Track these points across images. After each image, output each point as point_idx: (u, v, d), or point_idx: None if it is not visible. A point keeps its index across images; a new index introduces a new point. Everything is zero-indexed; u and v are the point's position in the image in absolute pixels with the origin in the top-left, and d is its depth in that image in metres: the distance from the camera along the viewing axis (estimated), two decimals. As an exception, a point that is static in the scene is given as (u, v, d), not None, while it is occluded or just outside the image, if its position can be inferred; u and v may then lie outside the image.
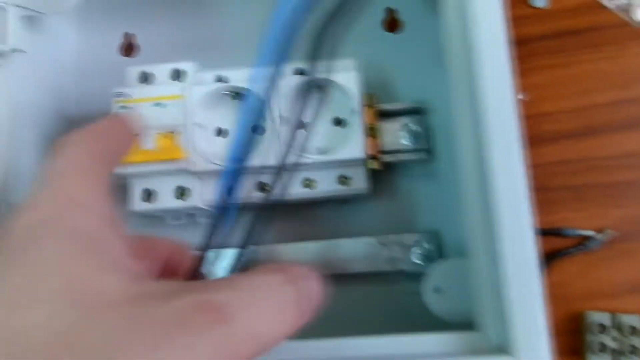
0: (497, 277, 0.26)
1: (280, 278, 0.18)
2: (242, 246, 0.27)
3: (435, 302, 0.31)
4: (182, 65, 0.34)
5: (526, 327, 0.25)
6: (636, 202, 0.38)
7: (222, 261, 0.29)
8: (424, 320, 0.34)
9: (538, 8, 0.41)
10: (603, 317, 0.37)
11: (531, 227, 0.26)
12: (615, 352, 0.36)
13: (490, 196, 0.27)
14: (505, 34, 0.29)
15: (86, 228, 0.17)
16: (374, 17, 0.41)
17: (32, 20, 0.35)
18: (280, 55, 0.31)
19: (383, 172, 0.38)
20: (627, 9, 0.41)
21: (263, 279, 0.17)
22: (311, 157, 0.33)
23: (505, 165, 0.27)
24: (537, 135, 0.40)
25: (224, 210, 0.27)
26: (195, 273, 0.23)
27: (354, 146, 0.33)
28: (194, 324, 0.14)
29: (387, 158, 0.37)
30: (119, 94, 0.33)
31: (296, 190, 0.35)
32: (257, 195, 0.35)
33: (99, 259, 0.16)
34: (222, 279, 0.19)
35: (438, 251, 0.37)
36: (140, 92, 0.33)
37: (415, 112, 0.38)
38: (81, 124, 0.41)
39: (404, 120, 0.38)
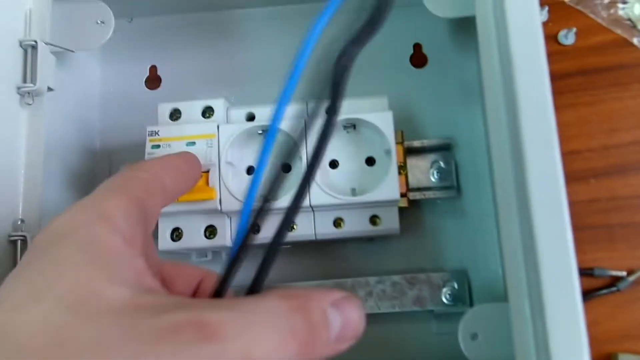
0: (540, 324, 0.26)
1: (288, 304, 0.17)
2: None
3: (472, 349, 0.31)
4: (213, 103, 0.34)
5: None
6: (667, 242, 0.38)
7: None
8: (453, 362, 0.33)
9: (565, 45, 0.41)
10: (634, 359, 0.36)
11: (575, 270, 0.26)
12: (648, 397, 0.36)
13: (532, 238, 0.26)
14: (546, 71, 0.29)
15: (105, 241, 0.17)
16: (402, 52, 0.41)
17: (59, 56, 0.35)
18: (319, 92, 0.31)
19: (410, 209, 0.37)
20: (651, 46, 0.41)
21: (268, 304, 0.17)
22: (344, 198, 0.32)
23: (547, 206, 0.27)
24: (566, 174, 0.39)
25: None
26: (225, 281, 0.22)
27: (389, 187, 0.32)
28: (181, 339, 0.14)
29: (416, 196, 0.36)
30: (152, 133, 0.32)
31: (326, 230, 0.34)
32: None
33: (109, 271, 0.16)
34: (226, 300, 0.18)
35: (467, 291, 0.36)
36: (173, 130, 0.32)
37: (442, 148, 0.38)
38: (105, 156, 0.41)
39: (432, 157, 0.38)
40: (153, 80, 0.42)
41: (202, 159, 0.32)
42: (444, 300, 0.36)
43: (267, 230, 0.23)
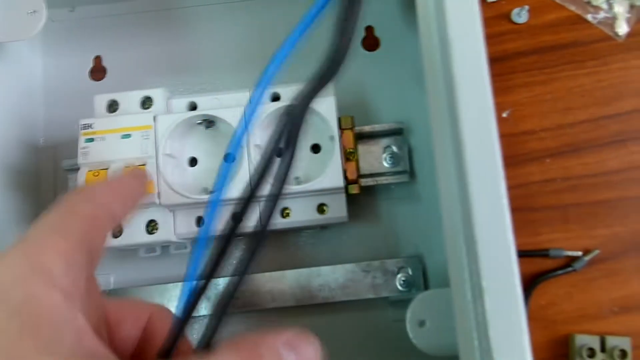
0: (480, 308, 0.25)
1: (239, 356, 0.16)
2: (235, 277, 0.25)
3: (419, 337, 0.30)
4: (152, 92, 0.33)
5: (511, 366, 0.24)
6: (620, 221, 0.37)
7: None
8: (408, 348, 0.33)
9: (518, 23, 0.40)
10: (592, 340, 0.36)
11: (514, 256, 0.25)
12: (604, 376, 0.35)
13: (470, 223, 0.26)
14: (484, 53, 0.28)
15: (41, 302, 0.15)
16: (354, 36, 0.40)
17: (-8, 47, 0.33)
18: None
19: (363, 195, 0.37)
20: (610, 22, 0.40)
21: None
22: (290, 188, 0.32)
23: (485, 189, 0.26)
24: (520, 154, 0.39)
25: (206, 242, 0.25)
26: (174, 339, 0.21)
27: (333, 175, 0.32)
28: None
29: (368, 182, 0.36)
30: (86, 126, 0.31)
31: (274, 220, 0.33)
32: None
33: (41, 340, 0.15)
34: None
35: (422, 277, 0.36)
36: (108, 123, 0.31)
37: (394, 133, 0.37)
38: (49, 152, 0.40)
39: (385, 141, 0.37)
40: (98, 71, 0.40)
41: (139, 152, 0.31)
42: (399, 286, 0.36)
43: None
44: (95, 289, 0.20)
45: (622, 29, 0.40)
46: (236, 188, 0.31)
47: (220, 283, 0.28)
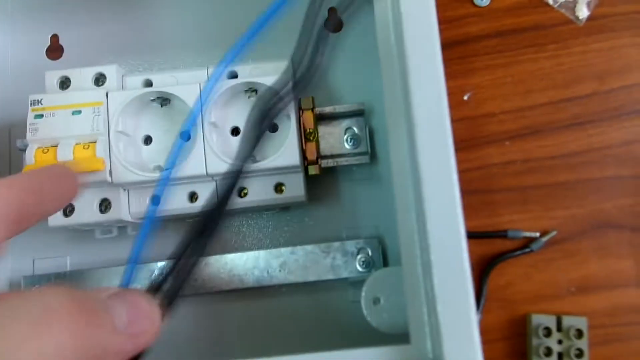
0: (430, 288, 0.25)
1: (56, 300, 0.14)
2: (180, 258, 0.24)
3: (373, 314, 0.30)
4: (105, 69, 0.32)
5: (458, 340, 0.24)
6: (578, 202, 0.38)
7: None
8: (367, 329, 0.33)
9: (480, 6, 0.40)
10: (548, 320, 0.36)
11: (463, 235, 0.25)
12: (561, 356, 0.36)
13: (421, 202, 0.26)
14: (437, 34, 0.28)
15: None
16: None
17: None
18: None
19: (324, 177, 0.37)
20: (571, 6, 0.41)
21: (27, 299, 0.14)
22: (244, 166, 0.31)
23: (436, 170, 0.26)
24: (480, 136, 0.39)
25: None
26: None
27: (289, 153, 0.32)
28: None
29: (328, 163, 0.36)
30: (35, 102, 0.30)
31: (231, 200, 0.33)
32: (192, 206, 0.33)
33: None
34: None
35: (382, 258, 0.36)
36: (57, 98, 0.31)
37: (356, 114, 0.37)
38: (4, 131, 0.39)
39: (346, 123, 0.37)
40: (54, 50, 0.40)
41: (89, 129, 0.30)
42: (359, 267, 0.36)
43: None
44: None
45: (583, 12, 0.40)
46: (190, 166, 0.31)
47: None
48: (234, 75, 0.34)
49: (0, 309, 0.14)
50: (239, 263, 0.35)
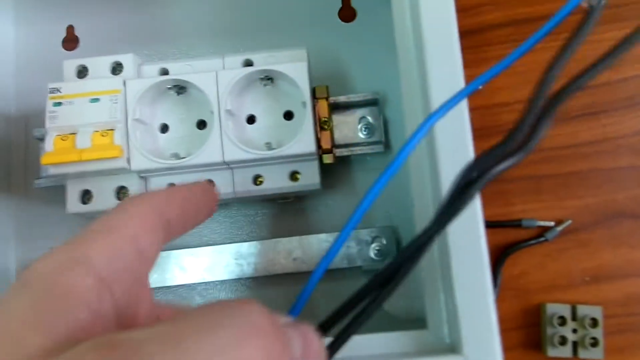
0: (447, 274, 0.26)
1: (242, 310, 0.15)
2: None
3: (389, 301, 0.30)
4: (122, 58, 0.33)
5: (476, 326, 0.24)
6: (592, 192, 0.38)
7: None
8: (381, 317, 0.33)
9: (494, -4, 0.40)
10: (563, 309, 0.36)
11: (481, 222, 0.26)
12: (575, 345, 0.36)
13: (438, 190, 0.26)
14: (455, 24, 0.28)
15: (70, 283, 0.16)
16: (330, 6, 0.40)
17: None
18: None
19: (338, 166, 0.37)
20: (584, -4, 0.40)
21: (211, 308, 0.15)
22: (260, 153, 0.31)
23: (454, 158, 0.26)
24: (494, 126, 0.39)
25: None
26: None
27: (304, 140, 0.32)
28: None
29: (342, 152, 0.36)
30: (54, 90, 0.31)
31: (245, 188, 0.33)
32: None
33: (41, 315, 0.15)
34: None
35: (396, 247, 0.36)
36: (76, 87, 0.31)
37: (370, 103, 0.37)
38: (21, 121, 0.39)
39: (360, 112, 0.37)
40: (70, 41, 0.40)
41: (107, 116, 0.30)
42: (372, 256, 0.36)
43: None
44: (146, 293, 0.19)
45: (596, 1, 0.40)
46: (206, 153, 0.31)
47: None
48: (249, 64, 0.34)
49: (212, 314, 0.14)
50: (253, 252, 0.36)
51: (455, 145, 0.27)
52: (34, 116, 0.39)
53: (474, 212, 0.26)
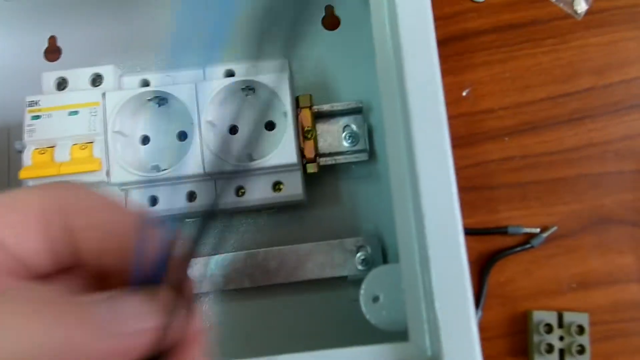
0: (428, 285, 0.25)
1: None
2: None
3: (372, 312, 0.30)
4: (102, 69, 0.32)
5: (456, 337, 0.24)
6: (578, 198, 0.38)
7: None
8: (367, 328, 0.33)
9: (478, 2, 0.40)
10: (549, 317, 0.36)
11: (461, 233, 0.25)
12: (562, 352, 0.36)
13: (418, 199, 0.26)
14: (432, 30, 0.28)
15: None
16: (314, 14, 0.40)
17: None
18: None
19: (323, 175, 0.37)
20: (569, 1, 0.40)
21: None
22: (241, 165, 0.31)
23: (433, 166, 0.26)
24: (479, 132, 0.39)
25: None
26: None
27: (286, 151, 0.31)
28: None
29: (326, 161, 0.35)
30: (32, 103, 0.30)
31: (228, 199, 0.33)
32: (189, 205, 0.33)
33: None
34: None
35: (381, 256, 0.36)
36: (54, 99, 0.31)
37: (354, 111, 0.37)
38: (3, 133, 0.39)
39: (344, 120, 0.37)
40: (52, 52, 0.40)
41: (86, 129, 0.30)
42: (358, 265, 0.36)
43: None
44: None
45: (581, 6, 0.40)
46: (188, 165, 0.31)
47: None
48: (230, 74, 0.34)
49: None
50: (238, 262, 0.35)
51: (434, 154, 0.27)
52: (16, 127, 0.38)
53: (454, 223, 0.25)
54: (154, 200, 0.33)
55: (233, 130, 0.33)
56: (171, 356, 0.16)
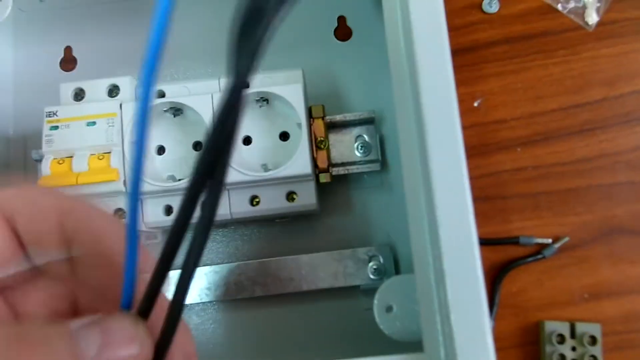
0: (443, 296, 0.25)
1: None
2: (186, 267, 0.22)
3: (386, 322, 0.30)
4: (119, 81, 0.33)
5: (471, 349, 0.24)
6: (589, 208, 0.38)
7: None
8: (379, 337, 0.33)
9: (489, 13, 0.41)
10: (561, 327, 0.36)
11: (476, 245, 0.26)
12: (574, 362, 0.36)
13: (433, 209, 0.26)
14: (447, 41, 0.28)
15: None
16: (326, 26, 0.40)
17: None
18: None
19: (335, 184, 0.37)
20: (580, 12, 0.41)
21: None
22: (253, 175, 0.32)
23: (447, 176, 0.26)
24: (491, 143, 0.39)
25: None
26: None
27: (300, 162, 0.32)
28: None
29: (339, 171, 0.36)
30: (50, 114, 0.31)
31: (242, 209, 0.33)
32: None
33: None
34: None
35: (394, 265, 0.36)
36: (72, 110, 0.31)
37: (367, 122, 0.37)
38: (19, 142, 0.39)
39: (356, 131, 0.37)
40: (68, 62, 0.40)
41: (104, 140, 0.31)
42: (370, 275, 0.36)
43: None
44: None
45: (592, 18, 0.40)
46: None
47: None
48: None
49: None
50: (250, 271, 0.36)
51: (448, 163, 0.27)
52: (33, 137, 0.39)
53: (469, 234, 0.25)
54: (168, 210, 0.33)
55: (247, 140, 0.34)
56: None
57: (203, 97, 0.32)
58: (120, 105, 0.32)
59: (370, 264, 0.36)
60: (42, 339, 0.14)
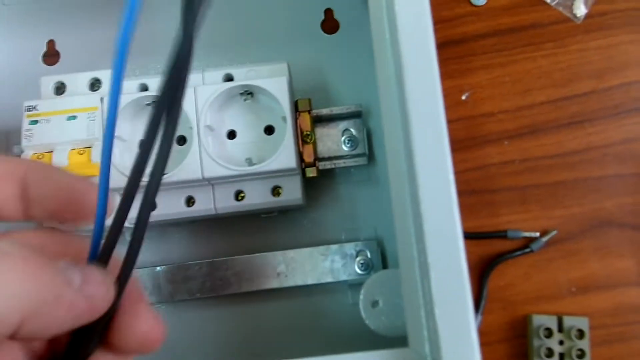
0: (427, 291, 0.25)
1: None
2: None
3: (372, 317, 0.30)
4: (101, 74, 0.32)
5: (456, 343, 0.24)
6: (578, 201, 0.38)
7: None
8: (366, 332, 0.32)
9: (477, 6, 0.40)
10: (549, 321, 0.36)
11: (461, 239, 0.25)
12: (562, 357, 0.36)
13: (417, 204, 0.26)
14: (432, 34, 0.28)
15: None
16: (313, 19, 0.40)
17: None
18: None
19: (322, 179, 0.36)
20: (568, 4, 0.40)
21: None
22: (238, 169, 0.31)
23: (432, 171, 0.26)
24: (479, 136, 0.39)
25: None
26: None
27: (285, 156, 0.31)
28: None
29: (325, 165, 0.35)
30: (30, 108, 0.30)
31: (227, 204, 0.33)
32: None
33: None
34: None
35: (381, 260, 0.36)
36: (53, 104, 0.31)
37: (354, 115, 0.37)
38: (1, 137, 0.39)
39: (343, 125, 0.36)
40: (51, 56, 0.39)
41: (85, 134, 0.30)
42: (358, 270, 0.35)
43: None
44: None
45: (580, 10, 0.40)
46: (186, 170, 0.31)
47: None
48: (229, 78, 0.34)
49: None
50: (237, 266, 0.35)
51: (433, 157, 0.26)
52: (15, 132, 0.38)
53: (453, 228, 0.25)
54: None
55: (231, 135, 0.33)
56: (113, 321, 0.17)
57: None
58: (102, 99, 0.31)
59: (357, 258, 0.36)
60: (40, 261, 0.15)
